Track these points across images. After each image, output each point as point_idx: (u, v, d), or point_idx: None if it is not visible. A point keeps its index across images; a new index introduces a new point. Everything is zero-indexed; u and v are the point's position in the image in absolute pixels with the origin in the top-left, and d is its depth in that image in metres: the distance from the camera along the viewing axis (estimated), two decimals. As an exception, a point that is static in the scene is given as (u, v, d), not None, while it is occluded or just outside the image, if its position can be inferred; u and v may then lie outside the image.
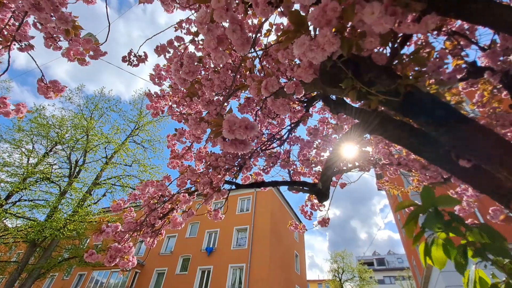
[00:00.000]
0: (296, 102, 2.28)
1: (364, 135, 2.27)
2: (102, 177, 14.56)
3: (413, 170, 3.44)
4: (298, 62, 2.14)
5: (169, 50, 2.43)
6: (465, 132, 1.28)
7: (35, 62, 2.19)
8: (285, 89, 1.29)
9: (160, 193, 2.89)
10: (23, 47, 2.16)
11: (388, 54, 1.47)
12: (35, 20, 2.16)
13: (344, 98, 2.19)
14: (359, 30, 1.03)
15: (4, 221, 13.16)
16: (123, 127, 15.78)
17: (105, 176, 14.74)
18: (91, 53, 2.27)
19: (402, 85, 1.03)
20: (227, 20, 1.13)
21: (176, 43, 2.43)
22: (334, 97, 2.28)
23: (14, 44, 2.16)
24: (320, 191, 2.59)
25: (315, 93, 2.69)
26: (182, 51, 2.48)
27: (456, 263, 0.90)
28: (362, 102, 2.12)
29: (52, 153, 14.24)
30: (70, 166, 14.22)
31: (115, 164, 14.95)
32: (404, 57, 1.29)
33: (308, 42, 0.92)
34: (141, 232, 2.55)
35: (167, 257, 20.30)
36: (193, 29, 2.65)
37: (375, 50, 1.15)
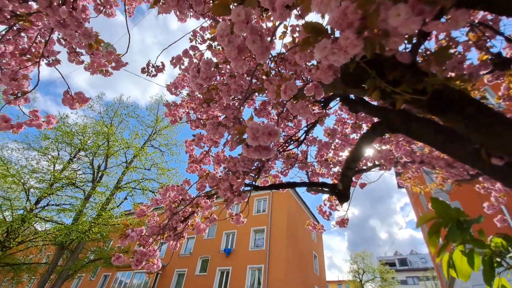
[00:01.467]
0: (313, 103, 2.26)
1: (385, 133, 2.22)
2: (123, 181, 15.07)
3: (437, 168, 3.31)
4: (315, 63, 2.12)
5: (184, 60, 2.48)
6: (497, 128, 1.22)
7: (61, 75, 2.30)
8: (304, 92, 1.28)
9: (180, 197, 2.96)
10: (50, 62, 2.29)
11: (409, 50, 1.43)
12: (59, 37, 2.29)
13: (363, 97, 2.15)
14: (380, 30, 1.01)
15: (35, 225, 13.91)
16: (141, 132, 16.27)
17: (126, 180, 15.25)
18: (113, 64, 2.37)
19: (429, 84, 1.00)
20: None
21: (191, 52, 2.48)
22: (352, 96, 2.24)
23: (42, 60, 2.29)
24: (341, 192, 2.55)
25: (330, 94, 2.65)
26: (198, 59, 2.53)
27: (484, 275, 0.87)
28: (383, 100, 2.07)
29: (76, 159, 14.91)
30: (93, 171, 14.82)
31: (135, 168, 15.43)
32: (428, 53, 1.24)
33: (329, 46, 0.91)
34: (164, 235, 2.62)
35: (186, 258, 20.68)
36: (207, 36, 2.69)
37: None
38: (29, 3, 1.94)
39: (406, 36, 0.99)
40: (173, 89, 2.65)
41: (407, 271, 41.00)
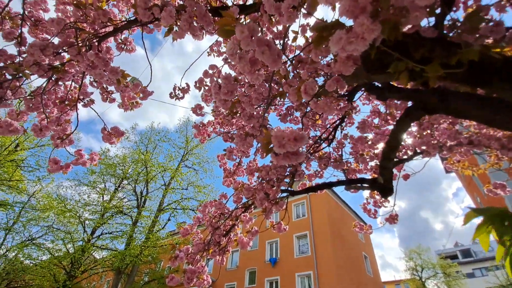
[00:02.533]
0: (338, 98, 2.18)
1: (422, 116, 2.05)
2: (165, 203, 15.83)
3: (490, 147, 2.97)
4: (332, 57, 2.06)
5: (206, 80, 2.57)
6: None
7: (97, 113, 2.51)
8: (326, 87, 1.24)
9: (219, 212, 3.00)
10: (86, 103, 2.51)
11: (433, 24, 1.32)
12: (91, 80, 2.51)
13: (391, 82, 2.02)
14: (397, 8, 0.95)
15: (93, 253, 15.09)
16: (174, 154, 17.07)
17: (167, 201, 16.00)
18: (141, 95, 2.53)
19: (464, 56, 0.90)
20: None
21: (210, 71, 2.57)
22: (378, 83, 2.12)
23: (79, 103, 2.53)
24: (383, 186, 2.39)
25: (355, 84, 2.54)
26: (217, 76, 2.60)
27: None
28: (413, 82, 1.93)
29: (120, 188, 16.03)
30: (136, 198, 15.78)
31: (173, 189, 16.14)
32: (457, 22, 1.13)
33: (345, 36, 0.87)
34: (210, 251, 2.66)
35: (234, 271, 20.80)
36: (223, 49, 2.77)
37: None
38: (62, 54, 2.16)
39: (427, 9, 0.91)
40: (198, 111, 2.74)
41: (472, 263, 36.75)
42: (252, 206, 3.06)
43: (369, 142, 3.08)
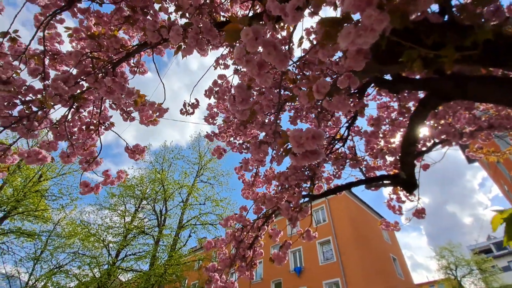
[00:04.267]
0: (349, 96, 2.17)
1: (438, 105, 2.00)
2: (184, 220, 15.92)
3: (509, 129, 2.85)
4: (337, 57, 2.07)
5: (215, 89, 2.63)
6: None
7: (118, 134, 2.61)
8: (338, 84, 1.24)
9: (241, 224, 2.99)
10: (107, 126, 2.62)
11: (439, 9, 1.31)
12: (110, 103, 2.63)
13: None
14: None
15: (119, 276, 15.23)
16: (189, 171, 17.28)
17: (186, 218, 16.09)
18: (157, 113, 2.62)
19: (478, 37, 0.89)
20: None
21: (219, 81, 2.64)
22: (388, 76, 2.10)
23: (100, 127, 2.64)
24: (406, 181, 2.32)
25: (365, 81, 2.52)
26: (227, 86, 2.66)
27: None
28: (426, 70, 1.90)
29: (140, 208, 16.30)
30: (156, 217, 15.97)
31: (191, 205, 16.24)
32: (465, 3, 1.12)
33: (353, 30, 0.88)
34: (237, 266, 2.64)
35: (259, 284, 20.40)
36: (229, 62, 2.84)
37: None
38: (80, 83, 2.28)
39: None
40: (210, 120, 2.80)
41: (508, 255, 34.37)
42: (273, 215, 3.03)
43: (381, 136, 3.03)
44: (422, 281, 39.40)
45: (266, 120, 2.62)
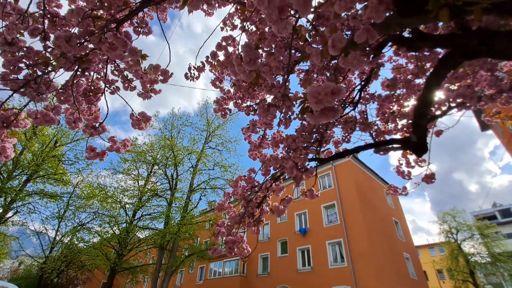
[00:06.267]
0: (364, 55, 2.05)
1: (460, 64, 1.88)
2: (194, 184, 16.59)
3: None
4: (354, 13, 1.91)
5: (219, 54, 2.52)
6: None
7: (124, 100, 2.60)
8: (355, 39, 1.16)
9: (250, 185, 3.09)
10: (112, 90, 2.61)
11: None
12: (112, 69, 2.58)
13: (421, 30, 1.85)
14: None
15: (137, 234, 16.48)
16: (197, 137, 17.52)
17: (196, 182, 16.75)
18: (161, 77, 2.57)
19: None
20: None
21: (224, 43, 2.51)
22: (406, 34, 1.96)
23: (106, 91, 2.63)
24: (417, 144, 2.29)
25: (381, 39, 2.36)
26: (234, 47, 2.54)
27: None
28: (449, 25, 1.75)
29: (152, 173, 16.98)
30: (168, 181, 16.67)
31: (200, 170, 16.78)
32: None
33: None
34: (246, 222, 2.78)
35: (266, 243, 21.80)
36: (237, 22, 2.68)
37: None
38: (84, 44, 2.22)
39: None
40: (217, 83, 2.74)
41: (513, 223, 35.20)
42: (281, 177, 3.11)
43: (396, 100, 2.93)
44: (422, 243, 41.29)
45: (275, 82, 2.55)
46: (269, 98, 2.84)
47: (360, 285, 15.07)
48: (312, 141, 2.76)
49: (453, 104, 3.02)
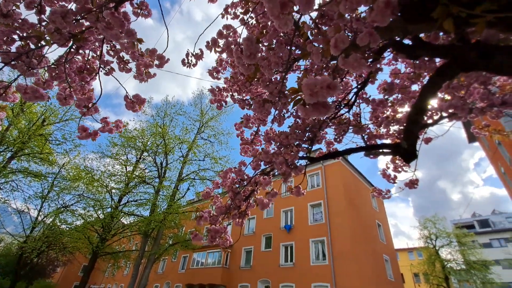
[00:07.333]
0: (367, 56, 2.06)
1: (456, 75, 1.91)
2: (183, 174, 16.49)
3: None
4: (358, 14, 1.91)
5: (220, 41, 2.48)
6: None
7: (119, 82, 2.54)
8: (357, 42, 1.16)
9: (239, 178, 3.09)
10: (107, 71, 2.54)
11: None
12: (107, 49, 2.51)
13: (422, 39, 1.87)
14: None
15: (121, 219, 16.34)
16: (190, 127, 17.35)
17: (185, 172, 16.66)
18: (157, 62, 2.51)
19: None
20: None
21: (225, 32, 2.47)
22: (407, 41, 1.97)
23: (100, 71, 2.56)
24: (407, 151, 2.34)
25: (382, 44, 2.37)
26: (234, 38, 2.50)
27: None
28: (450, 36, 1.77)
29: (141, 160, 16.76)
30: (157, 168, 16.50)
31: (190, 160, 16.68)
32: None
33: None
34: (231, 214, 2.79)
35: (251, 237, 22.00)
36: (239, 11, 2.64)
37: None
38: (81, 21, 2.14)
39: None
40: (214, 74, 2.70)
41: (490, 233, 36.71)
42: (271, 173, 3.12)
43: (390, 105, 2.96)
44: (402, 247, 42.58)
45: (273, 79, 2.53)
46: (265, 94, 2.83)
47: (339, 284, 15.44)
48: (304, 139, 2.77)
49: (445, 114, 3.08)
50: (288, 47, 2.23)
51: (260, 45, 2.45)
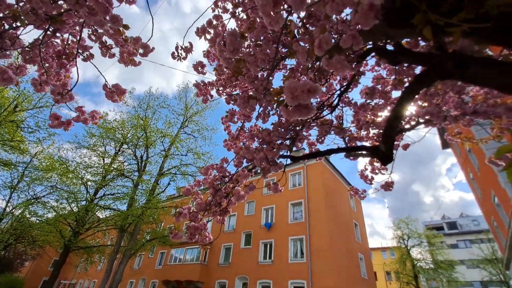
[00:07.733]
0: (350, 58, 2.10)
1: (433, 83, 2.00)
2: (165, 168, 16.14)
3: (492, 118, 2.97)
4: (345, 15, 1.94)
5: (209, 30, 2.44)
6: None
7: (98, 70, 2.43)
8: (340, 44, 1.18)
9: (221, 175, 3.06)
10: (85, 57, 2.41)
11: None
12: (89, 33, 2.39)
13: (404, 46, 1.94)
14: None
15: (97, 213, 15.74)
16: (173, 121, 16.98)
17: (167, 167, 16.30)
18: (141, 51, 2.42)
19: (493, 7, 0.85)
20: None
21: (215, 22, 2.42)
22: (391, 47, 2.04)
23: (78, 57, 2.43)
24: (385, 153, 2.42)
25: (365, 48, 2.43)
26: (222, 31, 2.47)
27: None
28: (429, 44, 1.85)
29: (120, 152, 16.21)
30: (137, 162, 16.04)
31: (172, 155, 16.34)
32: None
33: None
34: (211, 211, 2.76)
35: (231, 233, 21.99)
36: (229, 6, 2.59)
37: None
38: (59, 2, 2.02)
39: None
40: (199, 68, 2.65)
41: (457, 235, 39.18)
42: (253, 171, 3.12)
43: (372, 109, 3.05)
44: (376, 246, 44.34)
45: (259, 75, 2.53)
46: (251, 90, 2.81)
47: (315, 281, 15.83)
48: (287, 137, 2.79)
49: (421, 120, 3.22)
50: (275, 45, 2.23)
51: (248, 41, 2.44)
